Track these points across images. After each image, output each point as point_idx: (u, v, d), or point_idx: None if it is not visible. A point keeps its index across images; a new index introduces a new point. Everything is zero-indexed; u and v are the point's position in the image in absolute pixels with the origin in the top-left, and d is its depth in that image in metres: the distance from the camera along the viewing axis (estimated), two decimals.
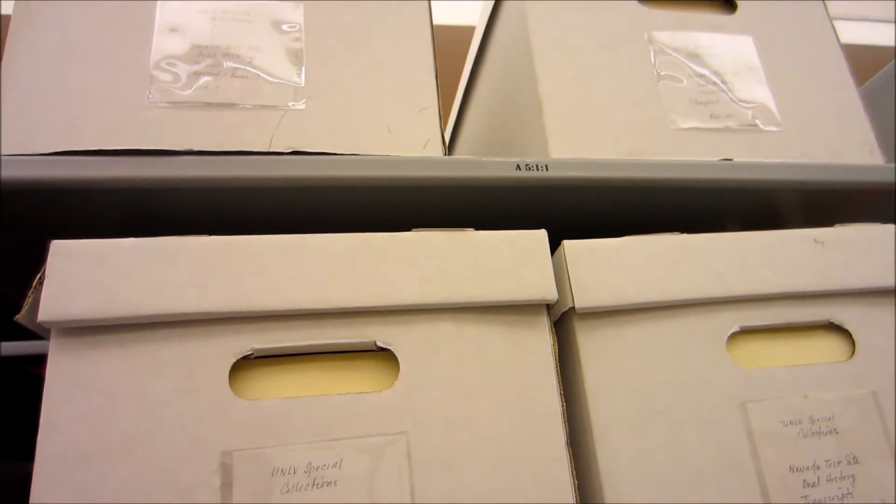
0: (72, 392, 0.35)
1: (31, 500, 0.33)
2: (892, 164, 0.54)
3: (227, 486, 0.34)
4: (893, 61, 0.86)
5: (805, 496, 0.40)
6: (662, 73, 0.55)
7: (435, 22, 0.52)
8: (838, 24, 0.63)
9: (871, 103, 0.79)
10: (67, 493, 0.33)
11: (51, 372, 0.35)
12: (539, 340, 0.40)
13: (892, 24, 1.49)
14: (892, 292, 0.47)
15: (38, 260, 0.37)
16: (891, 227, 0.48)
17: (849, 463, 0.41)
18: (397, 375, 0.38)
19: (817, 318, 0.45)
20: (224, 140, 0.44)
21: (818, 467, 0.41)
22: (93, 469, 0.34)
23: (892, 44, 1.46)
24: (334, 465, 0.35)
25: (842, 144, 0.56)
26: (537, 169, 0.45)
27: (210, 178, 0.43)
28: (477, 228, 0.41)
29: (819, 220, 0.53)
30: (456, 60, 0.79)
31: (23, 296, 0.37)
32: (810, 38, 0.60)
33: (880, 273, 0.46)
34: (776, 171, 0.51)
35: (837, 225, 0.48)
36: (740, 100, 0.55)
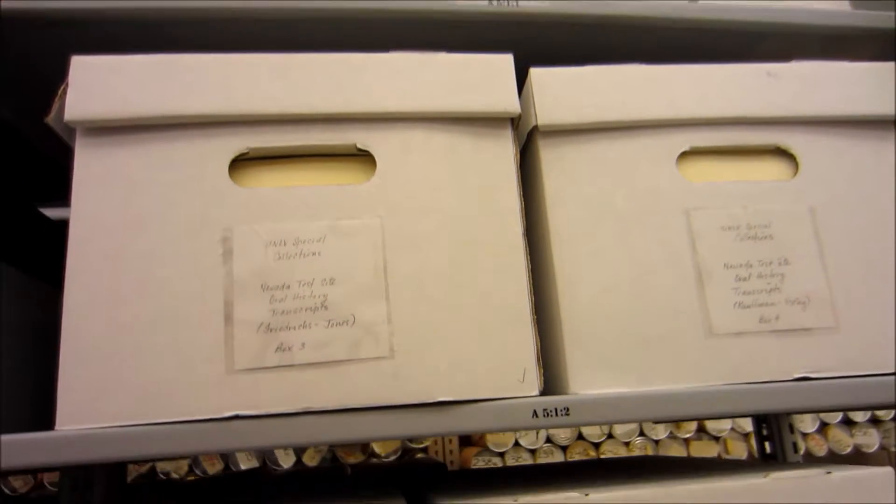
0: (96, 181, 0.41)
1: (67, 264, 0.40)
2: (858, 11, 0.56)
3: (228, 254, 0.40)
4: None
5: (736, 288, 0.45)
6: None
7: None
8: None
9: None
10: (96, 257, 0.40)
11: (78, 165, 0.41)
12: (503, 149, 0.45)
13: None
14: (839, 121, 0.50)
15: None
16: (842, 63, 0.51)
17: (780, 264, 0.46)
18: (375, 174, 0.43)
19: (765, 142, 0.49)
20: None
21: (751, 265, 0.46)
22: (116, 239, 0.40)
23: None
24: (319, 240, 0.41)
25: None
26: (508, 3, 0.49)
27: (209, 9, 0.47)
28: None
29: None
30: None
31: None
32: None
33: (829, 103, 0.50)
34: (738, 12, 0.53)
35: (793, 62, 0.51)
36: None
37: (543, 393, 0.41)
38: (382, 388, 0.39)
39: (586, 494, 0.38)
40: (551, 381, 0.45)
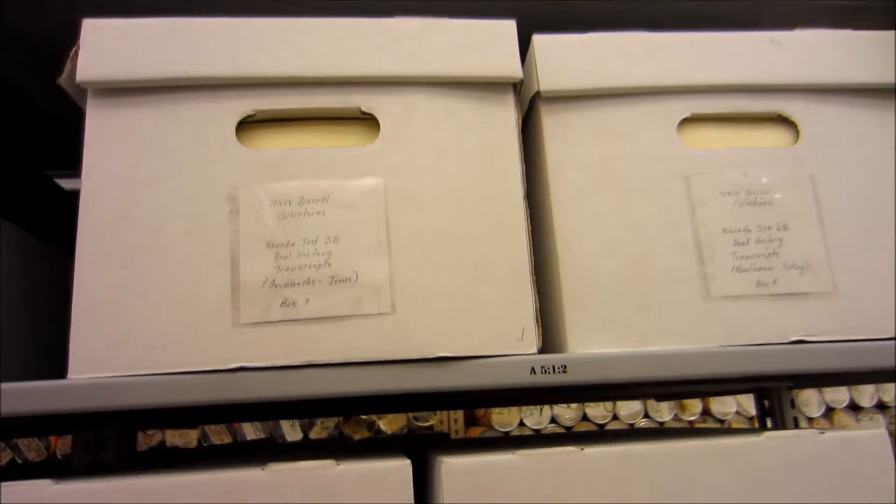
0: (107, 141, 0.42)
1: (79, 221, 0.41)
2: None
3: (234, 212, 0.41)
4: None
5: (735, 252, 0.46)
6: None
7: None
8: None
9: None
10: (107, 215, 0.41)
11: (89, 126, 0.42)
12: (504, 113, 0.45)
13: None
14: (841, 90, 0.50)
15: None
16: (845, 31, 0.51)
17: (778, 229, 0.47)
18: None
19: (766, 109, 0.49)
20: None
21: (749, 231, 0.46)
22: (125, 198, 0.41)
23: None
24: (323, 200, 0.42)
25: None
26: None
27: None
28: None
29: None
30: None
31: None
32: None
33: (831, 71, 0.50)
34: None
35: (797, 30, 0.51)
36: None
37: (542, 352, 0.42)
38: (384, 344, 0.40)
39: (582, 449, 0.39)
40: (550, 342, 0.46)
